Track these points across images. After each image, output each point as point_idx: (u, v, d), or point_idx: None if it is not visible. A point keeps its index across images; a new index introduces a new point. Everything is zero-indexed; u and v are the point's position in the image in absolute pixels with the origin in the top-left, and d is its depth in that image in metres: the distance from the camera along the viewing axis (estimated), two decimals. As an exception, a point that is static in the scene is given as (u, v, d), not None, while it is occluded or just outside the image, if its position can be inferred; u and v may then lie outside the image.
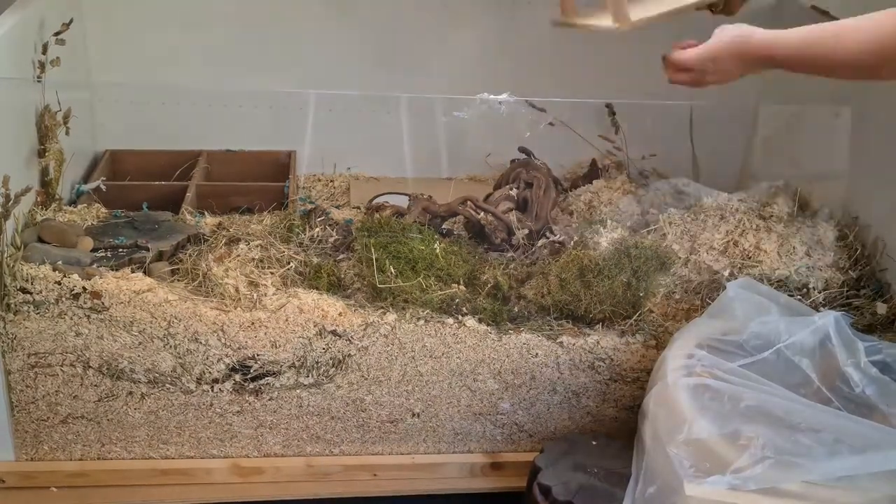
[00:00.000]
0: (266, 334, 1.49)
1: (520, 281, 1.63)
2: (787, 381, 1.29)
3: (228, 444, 1.58)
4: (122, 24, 2.03)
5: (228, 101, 2.07)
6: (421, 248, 1.60)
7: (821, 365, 1.34)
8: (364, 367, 1.53)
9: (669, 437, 1.24)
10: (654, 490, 1.25)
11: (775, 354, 1.34)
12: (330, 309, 1.50)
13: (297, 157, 2.11)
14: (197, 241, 1.66)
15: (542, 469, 1.47)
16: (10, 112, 1.54)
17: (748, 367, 1.31)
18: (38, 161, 1.65)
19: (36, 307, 1.44)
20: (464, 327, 1.52)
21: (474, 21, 2.12)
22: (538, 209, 1.78)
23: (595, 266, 1.54)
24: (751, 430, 1.19)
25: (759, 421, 1.21)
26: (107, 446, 1.55)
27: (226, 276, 1.53)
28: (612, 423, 1.63)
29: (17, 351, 1.46)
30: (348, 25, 2.10)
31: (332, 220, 1.76)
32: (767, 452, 1.16)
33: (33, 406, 1.50)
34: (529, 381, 1.57)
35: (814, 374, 1.32)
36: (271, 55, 2.08)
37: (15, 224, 1.51)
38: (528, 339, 1.54)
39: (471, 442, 1.63)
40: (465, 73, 2.06)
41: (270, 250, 1.63)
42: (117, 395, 1.51)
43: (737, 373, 1.28)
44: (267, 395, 1.53)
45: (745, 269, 1.64)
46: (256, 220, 1.78)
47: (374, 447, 1.61)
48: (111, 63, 2.04)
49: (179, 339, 1.48)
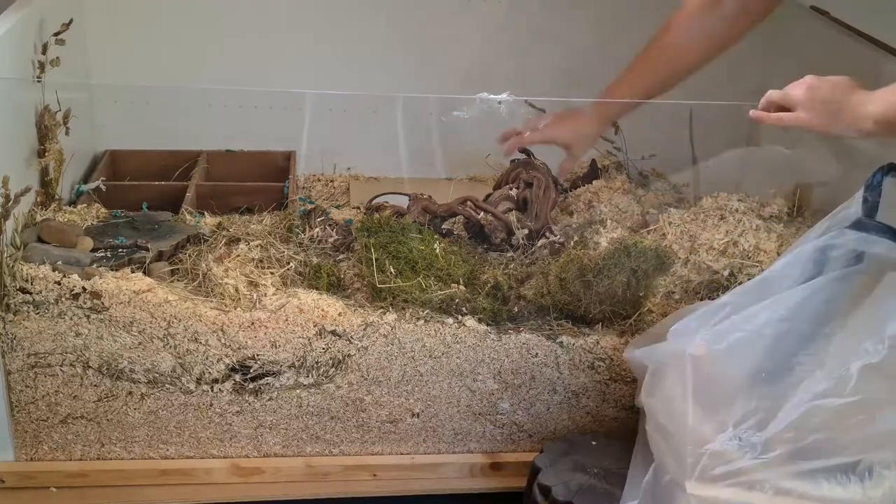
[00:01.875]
0: (266, 334, 1.49)
1: (519, 281, 1.63)
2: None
3: (228, 444, 1.58)
4: (122, 24, 2.03)
5: (228, 101, 2.07)
6: (421, 248, 1.60)
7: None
8: (364, 367, 1.53)
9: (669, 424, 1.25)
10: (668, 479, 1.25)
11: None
12: (330, 309, 1.50)
13: (297, 158, 2.11)
14: (197, 241, 1.66)
15: (542, 469, 1.47)
16: (10, 112, 1.54)
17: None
18: (38, 161, 1.65)
19: (36, 307, 1.44)
20: (463, 327, 1.52)
21: (475, 20, 2.13)
22: (538, 209, 1.78)
23: (595, 266, 1.54)
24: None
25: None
26: (107, 446, 1.55)
27: (226, 276, 1.53)
28: (612, 423, 1.62)
29: (16, 351, 1.46)
30: (348, 25, 2.10)
31: (331, 221, 1.76)
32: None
33: (33, 406, 1.50)
34: (529, 381, 1.57)
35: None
36: (271, 55, 2.08)
37: (15, 224, 1.51)
38: (527, 339, 1.54)
39: (471, 442, 1.63)
40: (464, 73, 2.06)
41: (270, 250, 1.63)
42: (117, 396, 1.51)
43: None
44: (267, 395, 1.53)
45: (745, 269, 1.64)
46: (256, 221, 1.78)
47: (374, 447, 1.61)
48: (111, 63, 2.04)
49: (179, 340, 1.48)
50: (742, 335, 1.28)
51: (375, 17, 2.10)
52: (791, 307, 1.26)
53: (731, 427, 1.22)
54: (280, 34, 2.08)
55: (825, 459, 1.17)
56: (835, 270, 1.26)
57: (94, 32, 2.01)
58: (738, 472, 1.18)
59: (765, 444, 1.19)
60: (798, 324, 1.25)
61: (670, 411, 1.29)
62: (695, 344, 1.29)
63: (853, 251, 1.25)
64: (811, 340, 1.26)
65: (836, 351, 1.23)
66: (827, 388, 1.20)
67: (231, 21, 2.07)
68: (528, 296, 1.59)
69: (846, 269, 1.25)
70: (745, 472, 1.18)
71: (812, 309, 1.26)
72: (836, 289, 1.25)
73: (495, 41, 2.14)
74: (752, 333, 1.27)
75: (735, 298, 1.34)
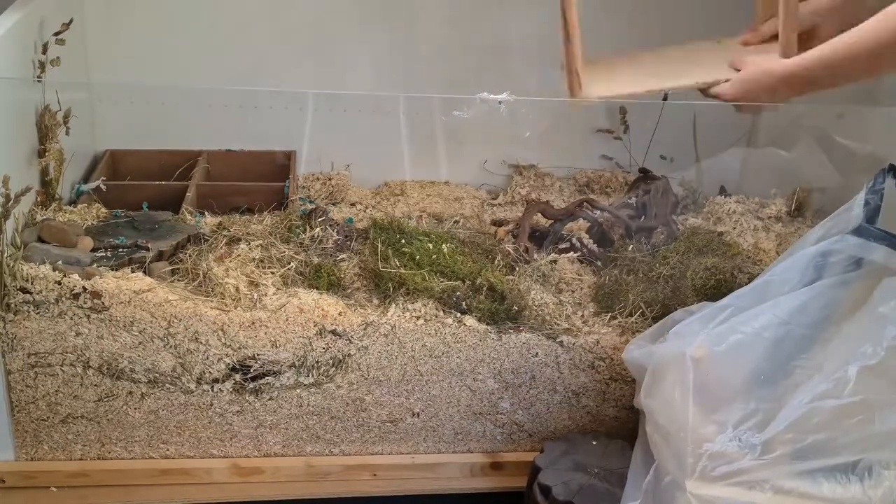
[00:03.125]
0: (266, 334, 1.49)
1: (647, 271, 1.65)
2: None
3: (228, 443, 1.58)
4: (122, 24, 2.03)
5: (228, 101, 2.07)
6: (428, 247, 1.61)
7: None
8: (364, 367, 1.53)
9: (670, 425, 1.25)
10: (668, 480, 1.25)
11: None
12: (330, 309, 1.50)
13: (297, 157, 2.11)
14: (197, 241, 1.66)
15: (542, 469, 1.48)
16: (10, 112, 1.54)
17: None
18: (38, 161, 1.65)
19: (36, 307, 1.44)
20: (464, 327, 1.52)
21: (475, 20, 2.12)
22: (657, 209, 1.81)
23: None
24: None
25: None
26: (107, 446, 1.56)
27: (226, 276, 1.53)
28: (612, 423, 1.63)
29: (17, 351, 1.46)
30: (348, 25, 2.10)
31: (332, 220, 1.76)
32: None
33: (33, 406, 1.50)
34: (529, 380, 1.57)
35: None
36: (272, 55, 2.08)
37: (15, 224, 1.51)
38: (528, 339, 1.54)
39: (471, 442, 1.63)
40: (464, 73, 2.06)
41: (271, 250, 1.63)
42: (117, 395, 1.51)
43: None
44: (267, 394, 1.53)
45: (744, 269, 1.64)
46: (256, 220, 1.78)
47: (374, 447, 1.61)
48: (111, 63, 2.04)
49: (179, 339, 1.48)
50: (742, 337, 1.28)
51: (376, 16, 2.10)
52: (791, 311, 1.26)
53: (731, 428, 1.22)
54: (280, 34, 2.08)
55: (825, 459, 1.18)
56: (834, 275, 1.26)
57: (94, 32, 2.01)
58: (738, 473, 1.18)
59: (765, 445, 1.19)
60: (797, 327, 1.26)
61: (670, 412, 1.29)
62: (695, 346, 1.29)
63: (852, 257, 1.25)
64: (810, 343, 1.26)
65: (834, 354, 1.23)
66: (826, 389, 1.20)
67: (231, 21, 2.06)
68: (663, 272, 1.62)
69: (845, 275, 1.26)
70: (746, 472, 1.18)
71: (811, 313, 1.26)
72: (834, 293, 1.26)
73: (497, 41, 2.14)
74: (751, 336, 1.28)
75: (735, 301, 1.34)
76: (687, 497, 1.18)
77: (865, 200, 1.28)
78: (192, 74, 2.08)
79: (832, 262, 1.27)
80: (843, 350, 1.22)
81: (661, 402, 1.33)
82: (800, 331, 1.26)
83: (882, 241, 1.23)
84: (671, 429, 1.27)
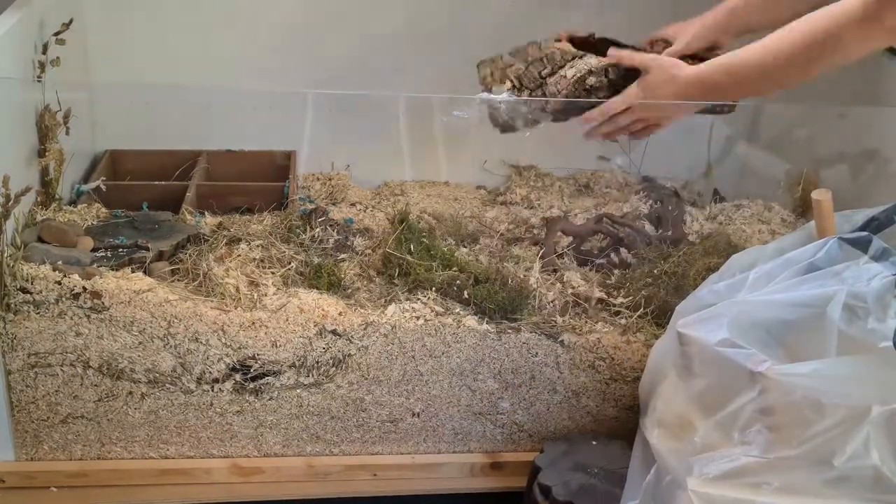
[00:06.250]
0: (266, 334, 1.49)
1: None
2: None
3: (228, 443, 1.58)
4: (122, 24, 2.03)
5: (228, 101, 2.07)
6: (442, 250, 1.61)
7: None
8: (364, 367, 1.53)
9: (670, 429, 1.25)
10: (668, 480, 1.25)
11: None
12: (330, 308, 1.50)
13: (297, 157, 2.11)
14: (197, 241, 1.66)
15: (542, 469, 1.47)
16: (10, 112, 1.54)
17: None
18: (38, 161, 1.65)
19: (36, 307, 1.44)
20: (463, 326, 1.52)
21: (475, 20, 2.12)
22: (672, 222, 1.84)
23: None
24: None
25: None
26: (107, 446, 1.55)
27: (226, 276, 1.53)
28: (612, 423, 1.63)
29: (17, 351, 1.46)
30: (348, 25, 2.10)
31: (332, 221, 1.76)
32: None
33: (33, 406, 1.50)
34: (529, 380, 1.57)
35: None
36: (272, 55, 2.08)
37: (15, 224, 1.51)
38: (528, 339, 1.54)
39: (471, 442, 1.63)
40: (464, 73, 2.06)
41: (271, 250, 1.63)
42: (117, 395, 1.51)
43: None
44: (267, 394, 1.53)
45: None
46: (256, 220, 1.78)
47: (374, 447, 1.61)
48: (111, 63, 2.04)
49: (179, 339, 1.48)
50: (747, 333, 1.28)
51: (376, 16, 2.10)
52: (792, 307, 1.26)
53: (734, 427, 1.22)
54: (280, 34, 2.08)
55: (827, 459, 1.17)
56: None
57: (94, 32, 2.01)
58: (740, 472, 1.18)
59: (767, 444, 1.18)
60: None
61: (672, 410, 1.29)
62: (699, 342, 1.29)
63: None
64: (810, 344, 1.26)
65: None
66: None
67: (231, 21, 2.06)
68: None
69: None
70: (748, 471, 1.18)
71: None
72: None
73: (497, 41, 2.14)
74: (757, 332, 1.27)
75: (743, 296, 1.33)
76: (688, 496, 1.18)
77: (872, 216, 1.33)
78: (193, 75, 2.08)
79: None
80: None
81: (663, 399, 1.33)
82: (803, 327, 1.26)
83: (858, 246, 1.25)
84: (673, 427, 1.27)
